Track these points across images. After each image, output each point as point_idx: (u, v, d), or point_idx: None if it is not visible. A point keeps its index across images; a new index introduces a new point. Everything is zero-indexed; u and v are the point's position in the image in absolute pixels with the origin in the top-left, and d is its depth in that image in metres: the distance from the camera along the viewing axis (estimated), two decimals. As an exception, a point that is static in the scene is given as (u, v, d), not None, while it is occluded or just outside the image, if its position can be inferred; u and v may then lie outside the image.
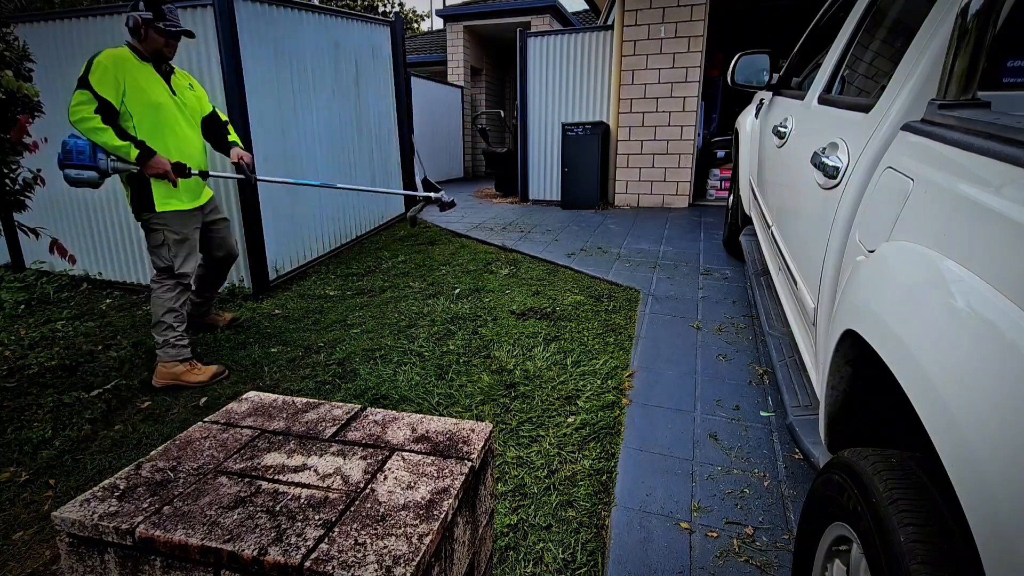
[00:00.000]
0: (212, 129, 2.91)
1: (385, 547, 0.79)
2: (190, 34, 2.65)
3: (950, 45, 0.98)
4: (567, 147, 6.31)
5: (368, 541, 0.80)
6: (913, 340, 0.83)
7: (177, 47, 2.66)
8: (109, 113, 2.44)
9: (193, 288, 2.98)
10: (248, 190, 3.73)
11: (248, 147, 3.71)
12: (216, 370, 2.75)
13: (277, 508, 0.87)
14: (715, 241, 4.68)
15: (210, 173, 2.79)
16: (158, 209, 2.61)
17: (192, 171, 2.65)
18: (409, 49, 12.38)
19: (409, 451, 1.03)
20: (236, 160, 2.85)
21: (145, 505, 0.88)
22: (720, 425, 2.14)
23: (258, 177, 2.94)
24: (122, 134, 2.46)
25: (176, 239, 2.67)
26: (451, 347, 2.92)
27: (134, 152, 2.46)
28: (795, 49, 2.84)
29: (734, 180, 3.91)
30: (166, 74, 2.65)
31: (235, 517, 0.85)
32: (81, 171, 2.46)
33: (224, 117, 2.98)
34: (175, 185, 2.60)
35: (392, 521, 0.84)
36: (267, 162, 3.95)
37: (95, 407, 2.57)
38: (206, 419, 1.15)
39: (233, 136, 2.96)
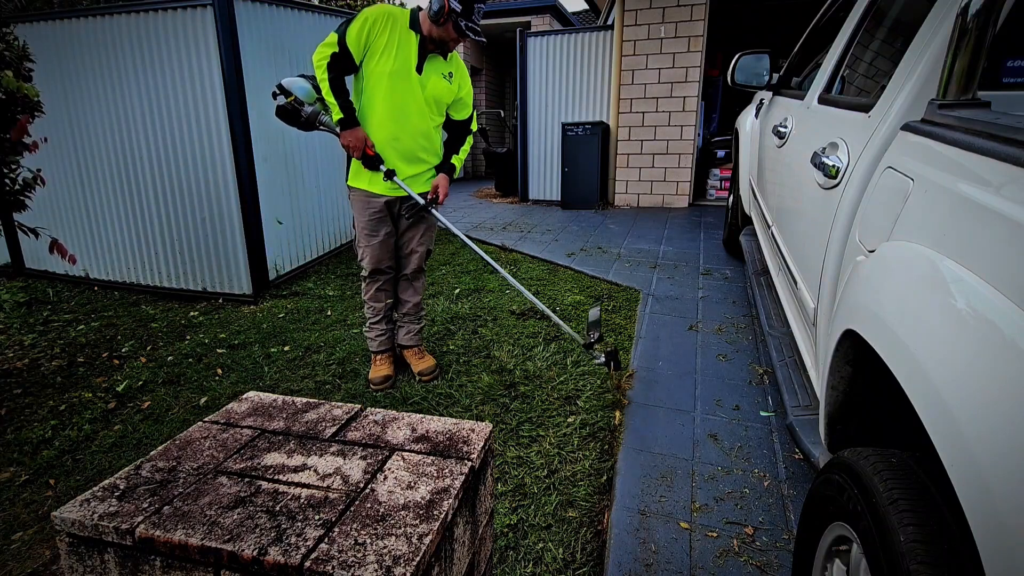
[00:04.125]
0: (449, 137, 2.62)
1: (385, 547, 0.79)
2: (482, 41, 2.36)
3: (950, 45, 0.98)
4: (567, 147, 6.31)
5: (368, 541, 0.80)
6: (913, 340, 0.83)
7: (458, 45, 2.41)
8: (345, 64, 2.29)
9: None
10: (247, 188, 3.73)
11: (248, 147, 3.71)
12: (381, 377, 2.58)
13: (277, 508, 0.87)
14: (715, 241, 4.68)
15: (397, 178, 2.40)
16: (348, 182, 2.48)
17: (382, 167, 2.38)
18: (409, 49, 12.34)
19: (409, 451, 1.03)
20: (432, 188, 2.50)
21: (145, 505, 0.88)
22: (720, 425, 2.14)
23: (437, 216, 2.55)
24: (339, 91, 2.28)
25: (360, 225, 2.48)
26: (451, 347, 2.92)
27: (337, 115, 2.30)
28: (795, 49, 2.84)
29: (734, 180, 3.91)
30: (427, 52, 2.36)
31: (235, 517, 0.85)
32: (286, 103, 2.43)
33: (472, 128, 2.62)
34: (370, 166, 2.38)
35: (392, 521, 0.84)
36: (267, 162, 3.95)
37: (95, 407, 2.57)
38: (206, 419, 1.15)
39: (456, 158, 2.59)
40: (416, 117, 2.40)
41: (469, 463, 0.99)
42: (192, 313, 3.74)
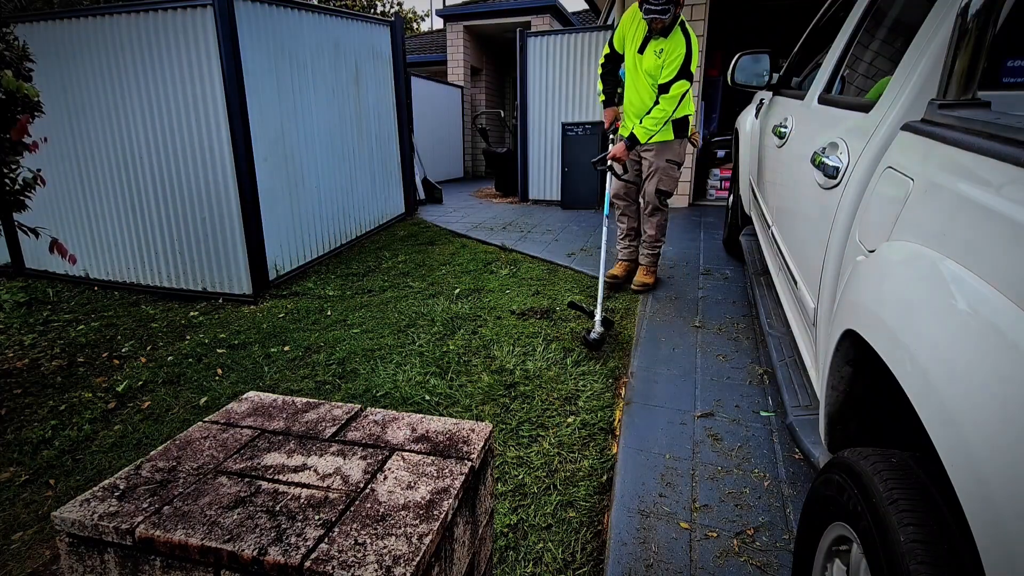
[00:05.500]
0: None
1: (385, 547, 0.79)
2: (663, 16, 2.91)
3: (950, 45, 0.97)
4: (567, 147, 6.31)
5: (368, 541, 0.80)
6: (913, 340, 0.83)
7: (662, 22, 2.95)
8: (609, 59, 3.26)
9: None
10: (247, 188, 3.74)
11: (248, 147, 3.71)
12: (615, 274, 3.62)
13: (277, 508, 0.87)
14: (715, 241, 4.68)
15: (612, 137, 3.39)
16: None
17: (609, 131, 3.41)
18: (409, 49, 12.38)
19: (409, 451, 1.03)
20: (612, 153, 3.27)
21: (145, 505, 0.88)
22: (720, 425, 2.14)
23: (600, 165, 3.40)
24: (606, 76, 3.31)
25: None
26: (451, 347, 2.92)
27: (602, 97, 3.35)
28: (795, 49, 2.84)
29: (734, 180, 3.91)
30: (650, 35, 3.06)
31: (235, 517, 0.85)
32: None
33: (670, 93, 3.05)
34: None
35: (392, 521, 0.84)
36: (267, 162, 3.95)
37: (95, 407, 2.57)
38: (206, 419, 1.15)
39: (641, 129, 3.11)
40: (633, 91, 3.26)
41: (469, 463, 0.99)
42: (192, 313, 3.74)
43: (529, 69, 6.77)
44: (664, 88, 3.04)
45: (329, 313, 3.54)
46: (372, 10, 19.28)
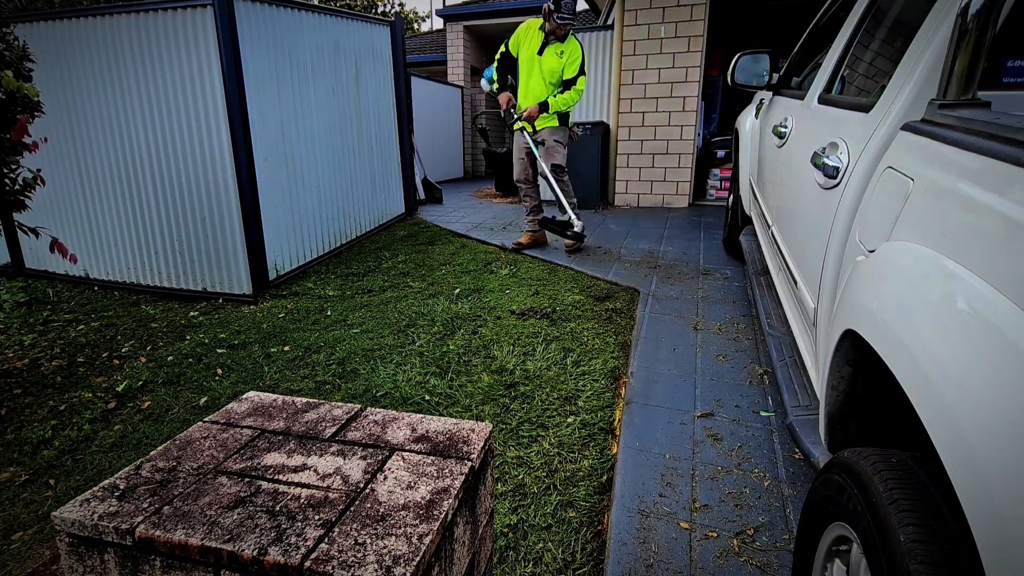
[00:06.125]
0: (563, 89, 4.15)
1: (385, 547, 0.79)
2: (572, 24, 3.92)
3: (950, 45, 0.97)
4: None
5: (368, 541, 0.80)
6: (913, 340, 0.83)
7: (566, 29, 3.92)
8: (504, 58, 4.22)
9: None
10: (247, 188, 3.74)
11: (248, 147, 3.71)
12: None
13: (277, 508, 0.87)
14: (715, 241, 4.68)
15: (516, 117, 4.26)
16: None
17: (513, 112, 4.26)
18: (409, 49, 12.37)
19: (409, 451, 1.03)
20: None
21: (145, 505, 0.88)
22: (720, 425, 2.14)
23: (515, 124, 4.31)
24: (501, 72, 4.26)
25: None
26: (451, 347, 2.92)
27: (496, 86, 4.30)
28: (795, 49, 2.84)
29: (734, 180, 3.91)
30: (548, 42, 3.99)
31: (235, 517, 0.85)
32: (484, 81, 4.61)
33: (576, 87, 4.07)
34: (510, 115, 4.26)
35: (392, 521, 0.84)
36: (267, 162, 3.95)
37: (95, 407, 2.57)
38: (206, 419, 1.15)
39: (554, 100, 4.08)
40: (533, 84, 4.17)
41: (469, 463, 0.99)
42: (192, 313, 3.74)
43: (529, 69, 6.76)
44: (572, 82, 4.03)
45: (329, 313, 3.54)
46: (372, 10, 19.27)
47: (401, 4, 21.74)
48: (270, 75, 3.94)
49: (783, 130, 2.29)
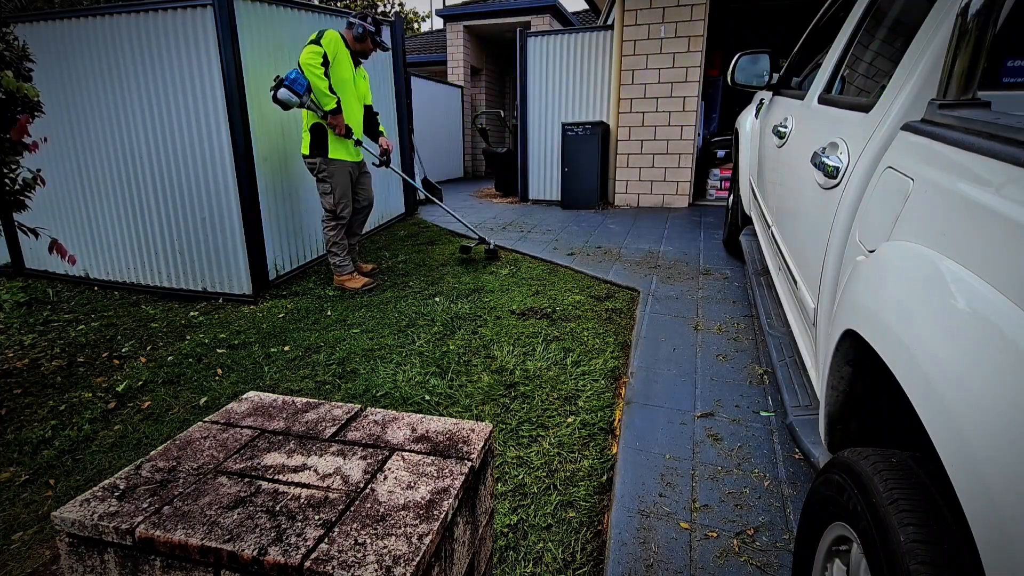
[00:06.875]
0: (367, 117, 3.91)
1: (385, 547, 0.79)
2: (384, 48, 3.87)
3: (950, 45, 0.97)
4: (567, 147, 6.31)
5: (368, 541, 0.80)
6: (913, 340, 0.83)
7: (372, 53, 3.82)
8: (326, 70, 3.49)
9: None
10: (247, 188, 3.74)
11: (248, 147, 3.71)
12: (367, 281, 3.89)
13: (277, 508, 0.87)
14: (715, 241, 4.68)
15: (363, 143, 3.81)
16: (330, 155, 3.60)
17: (354, 136, 3.68)
18: (409, 49, 12.37)
19: (409, 451, 1.03)
20: (384, 147, 3.97)
21: (145, 505, 0.88)
22: (720, 425, 2.14)
23: (391, 167, 4.12)
24: (331, 88, 3.47)
25: (339, 187, 3.68)
26: (451, 347, 2.92)
27: (332, 103, 3.45)
28: (795, 49, 2.84)
29: (734, 180, 3.91)
30: (356, 63, 3.74)
31: (235, 517, 0.85)
32: (291, 95, 3.36)
33: (375, 111, 4.01)
34: (347, 137, 3.62)
35: (392, 521, 0.84)
36: (267, 162, 3.95)
37: (95, 407, 2.57)
38: (206, 419, 1.15)
39: (381, 128, 4.03)
40: (357, 108, 3.78)
41: (469, 463, 0.99)
42: (192, 313, 3.74)
43: (529, 69, 6.77)
44: (377, 114, 4.00)
45: (329, 313, 3.54)
46: (373, 10, 19.28)
47: (401, 4, 21.75)
48: (270, 75, 3.94)
49: (783, 130, 2.29)
